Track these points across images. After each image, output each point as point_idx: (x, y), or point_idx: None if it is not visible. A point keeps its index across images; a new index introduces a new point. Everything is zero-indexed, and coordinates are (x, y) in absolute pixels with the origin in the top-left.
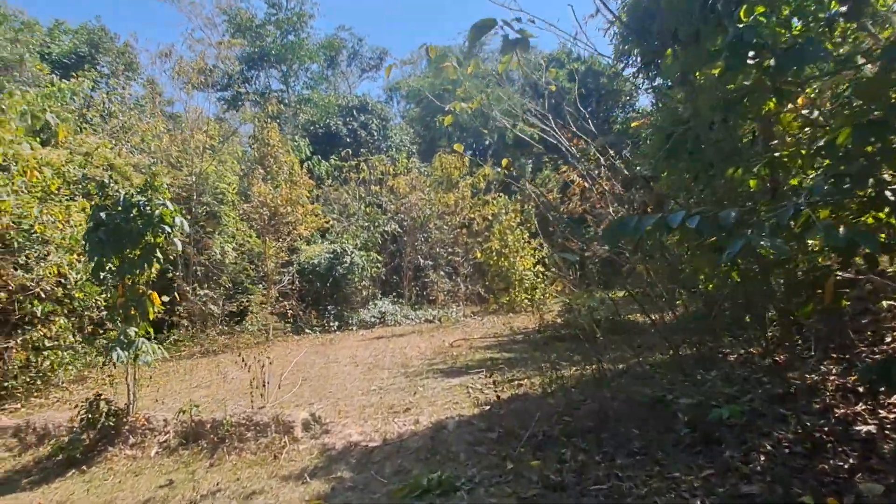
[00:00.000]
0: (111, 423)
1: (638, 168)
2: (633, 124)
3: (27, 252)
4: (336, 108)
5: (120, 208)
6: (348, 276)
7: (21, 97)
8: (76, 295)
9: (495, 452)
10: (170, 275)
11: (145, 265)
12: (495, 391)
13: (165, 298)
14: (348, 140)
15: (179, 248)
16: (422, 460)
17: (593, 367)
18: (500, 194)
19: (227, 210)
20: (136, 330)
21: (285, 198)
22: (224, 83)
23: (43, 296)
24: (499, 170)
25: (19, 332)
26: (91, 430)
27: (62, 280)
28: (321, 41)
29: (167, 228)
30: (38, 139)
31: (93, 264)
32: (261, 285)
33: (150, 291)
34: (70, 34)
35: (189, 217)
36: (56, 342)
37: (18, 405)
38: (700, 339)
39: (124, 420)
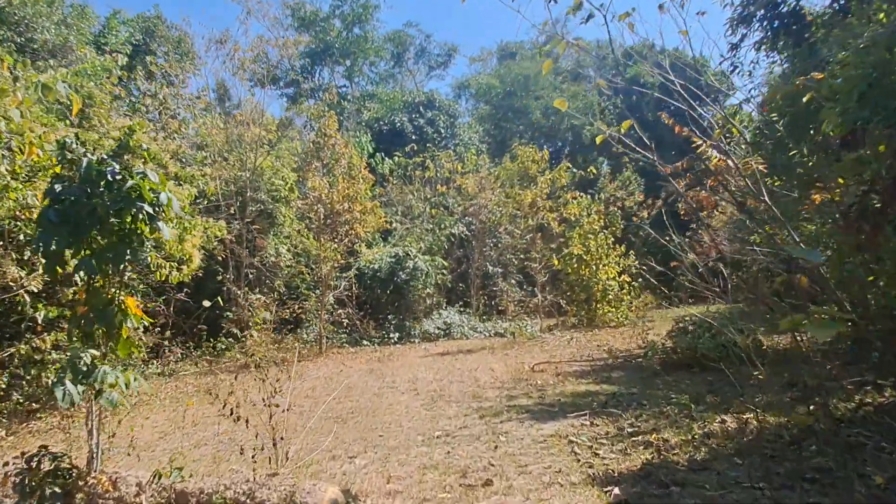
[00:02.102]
0: (57, 490)
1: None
2: (798, 81)
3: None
4: (401, 104)
5: (81, 177)
6: (411, 283)
7: (53, 75)
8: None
9: None
10: (219, 277)
11: (118, 260)
12: (622, 454)
13: (207, 303)
14: (414, 137)
15: (167, 235)
16: None
17: (755, 418)
18: (581, 194)
19: (282, 208)
20: (104, 353)
21: (342, 193)
22: (287, 80)
23: (28, 298)
24: (575, 171)
25: (12, 342)
26: (31, 499)
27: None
28: (387, 34)
29: (147, 208)
30: (66, 121)
31: (42, 256)
32: (317, 291)
33: (123, 297)
34: (128, 24)
35: (241, 215)
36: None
37: (3, 432)
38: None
39: (81, 483)
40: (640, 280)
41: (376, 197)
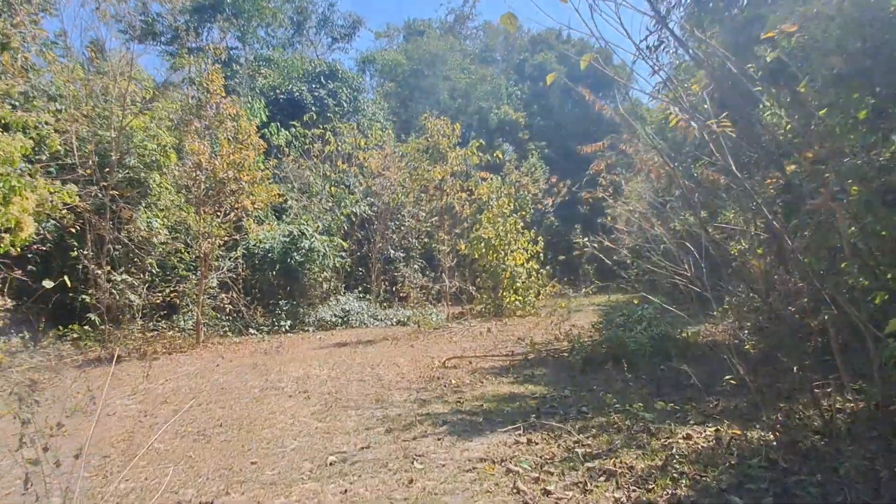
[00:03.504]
0: None
1: None
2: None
3: None
4: (301, 73)
5: None
6: (306, 265)
7: None
8: None
9: None
10: (74, 252)
11: None
12: (582, 490)
13: (49, 284)
14: (314, 109)
15: None
16: None
17: (727, 432)
18: (492, 175)
19: (156, 176)
20: None
21: (227, 160)
22: (169, 36)
23: None
24: (481, 154)
25: None
26: None
27: None
28: None
29: None
30: None
31: None
32: (196, 272)
33: None
34: None
35: (103, 181)
36: None
37: None
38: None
39: None
40: (547, 268)
41: (270, 169)
